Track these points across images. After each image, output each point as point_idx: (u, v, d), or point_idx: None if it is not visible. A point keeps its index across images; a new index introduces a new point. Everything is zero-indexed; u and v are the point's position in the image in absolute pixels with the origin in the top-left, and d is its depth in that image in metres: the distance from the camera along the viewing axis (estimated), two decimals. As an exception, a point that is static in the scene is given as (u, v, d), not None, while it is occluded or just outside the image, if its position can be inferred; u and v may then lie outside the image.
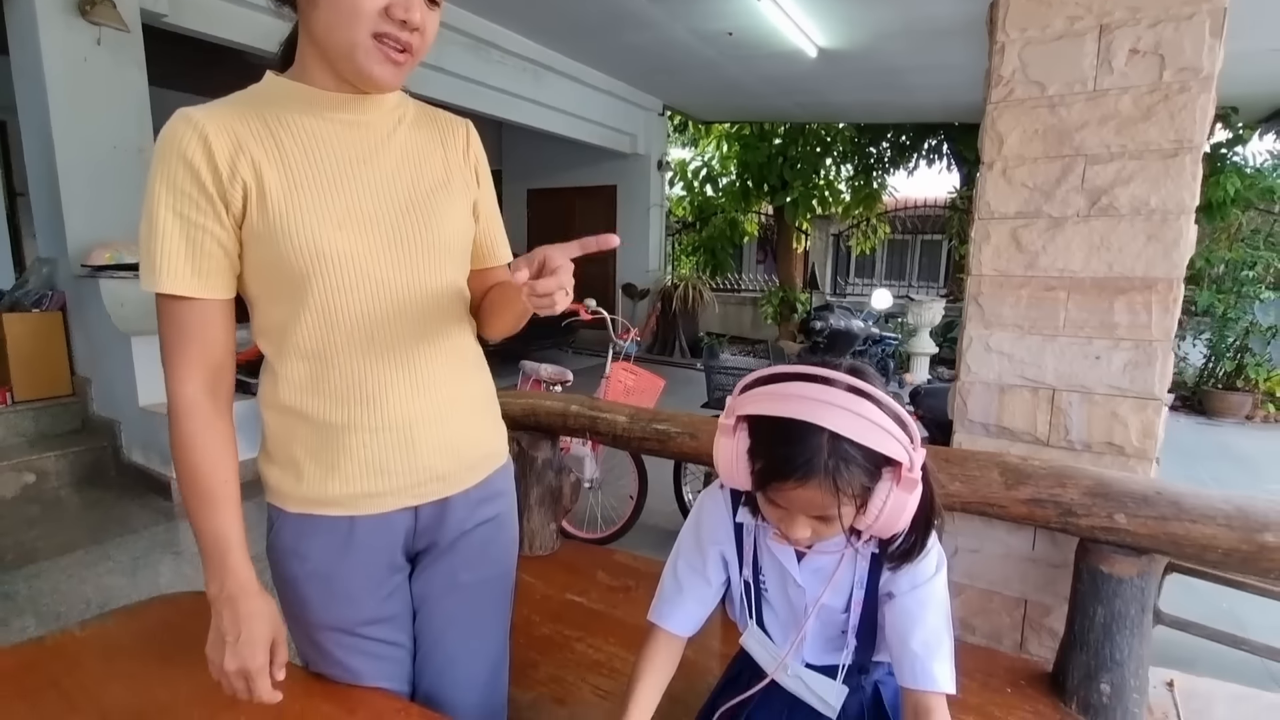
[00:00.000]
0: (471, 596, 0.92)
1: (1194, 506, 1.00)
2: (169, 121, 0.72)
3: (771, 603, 0.87)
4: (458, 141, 0.88)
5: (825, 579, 0.81)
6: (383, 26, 0.70)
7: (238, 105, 0.75)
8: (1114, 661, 1.04)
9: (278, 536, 0.82)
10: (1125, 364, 1.15)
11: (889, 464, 0.68)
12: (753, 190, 8.60)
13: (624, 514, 2.80)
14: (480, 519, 0.91)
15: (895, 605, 0.78)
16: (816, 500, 0.68)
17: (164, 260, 0.71)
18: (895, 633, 0.78)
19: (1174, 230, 1.10)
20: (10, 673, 0.89)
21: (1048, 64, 1.17)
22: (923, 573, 0.78)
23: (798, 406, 0.68)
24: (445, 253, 0.83)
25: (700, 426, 1.40)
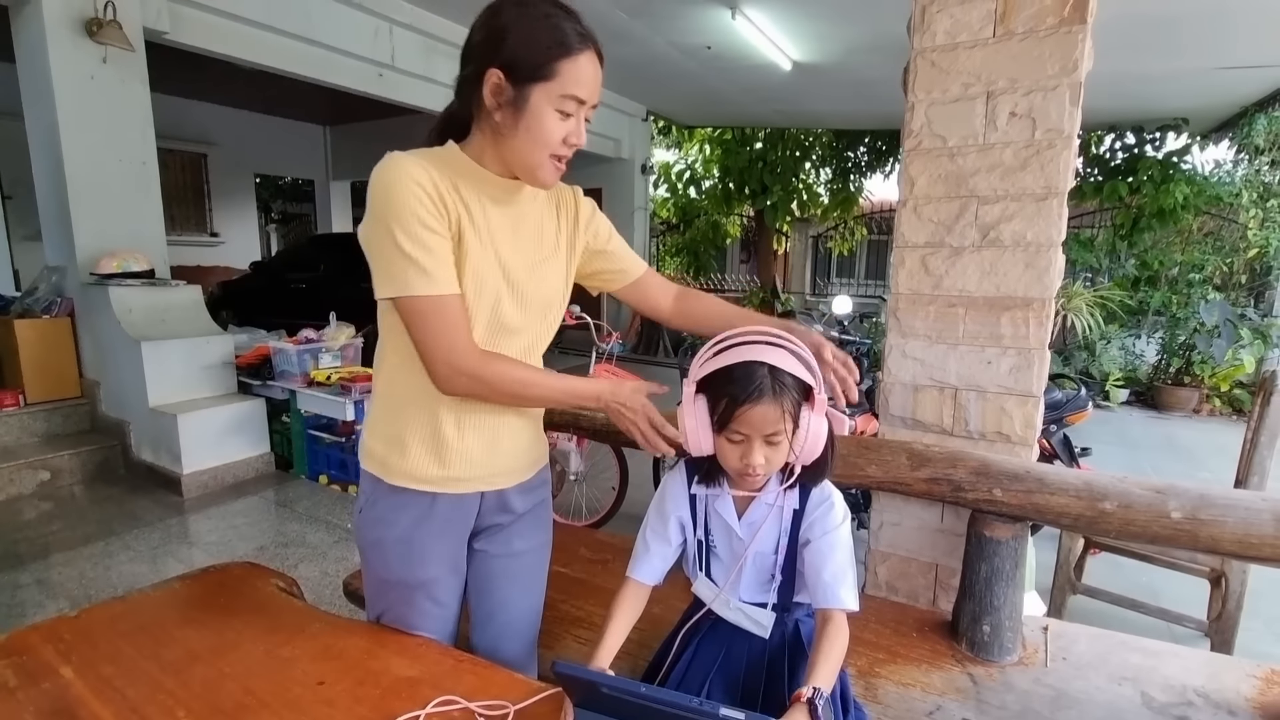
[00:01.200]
0: (523, 561, 1.19)
1: (1053, 482, 1.25)
2: (390, 165, 0.91)
3: (719, 555, 1.12)
4: (569, 209, 1.13)
5: (756, 530, 1.05)
6: (559, 150, 0.96)
7: (434, 164, 0.94)
8: (993, 607, 1.30)
9: (372, 507, 1.06)
10: (1010, 368, 1.41)
11: (808, 394, 0.96)
12: (734, 193, 8.86)
13: (607, 504, 3.04)
14: (532, 503, 1.18)
15: (812, 547, 1.03)
16: (769, 417, 0.93)
17: (438, 269, 0.91)
18: (812, 568, 1.03)
19: (1045, 259, 1.35)
20: (107, 621, 1.11)
21: (948, 121, 1.42)
22: (831, 522, 1.03)
23: (740, 353, 0.96)
24: (545, 304, 1.08)
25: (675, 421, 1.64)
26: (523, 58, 0.89)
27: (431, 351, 0.94)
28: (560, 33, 0.90)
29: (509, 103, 0.91)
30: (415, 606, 1.09)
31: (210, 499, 3.31)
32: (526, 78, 0.90)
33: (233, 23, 4.06)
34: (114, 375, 3.62)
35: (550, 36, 0.90)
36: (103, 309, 3.47)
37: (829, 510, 1.03)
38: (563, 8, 0.93)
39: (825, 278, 10.78)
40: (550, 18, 0.91)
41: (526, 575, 1.21)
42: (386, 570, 1.08)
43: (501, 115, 0.92)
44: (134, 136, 3.66)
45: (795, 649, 1.09)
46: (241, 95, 8.15)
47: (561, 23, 0.91)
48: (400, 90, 5.17)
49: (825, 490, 1.04)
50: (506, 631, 1.20)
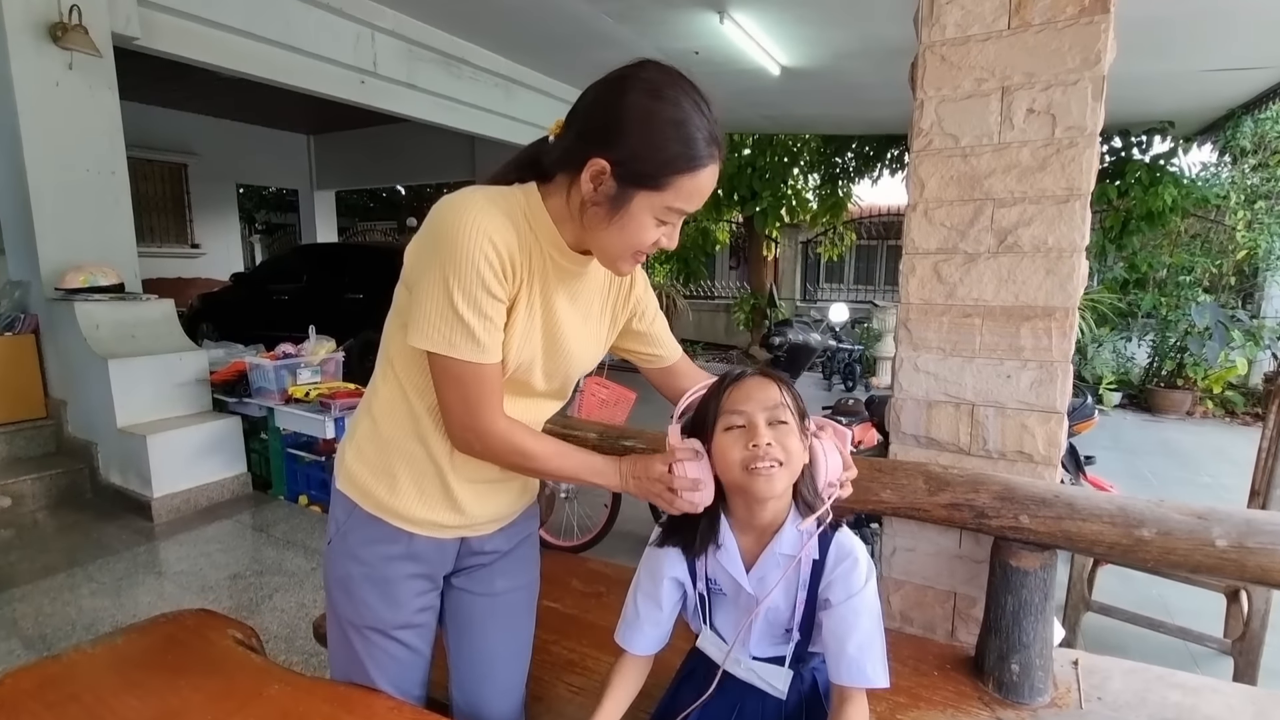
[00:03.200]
0: (506, 601, 1.09)
1: (1084, 508, 1.16)
2: (468, 210, 0.80)
3: (725, 607, 1.00)
4: (622, 281, 1.04)
5: (770, 586, 0.94)
6: (646, 250, 0.87)
7: (514, 219, 0.84)
8: (1021, 644, 1.19)
9: (344, 539, 0.96)
10: (1031, 382, 1.31)
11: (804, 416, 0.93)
12: (723, 200, 8.80)
13: (599, 521, 2.92)
14: (516, 539, 1.10)
15: (833, 613, 0.91)
16: (771, 394, 0.89)
17: (489, 338, 0.82)
18: (834, 636, 0.91)
19: (1068, 266, 1.26)
20: (32, 690, 0.98)
21: (960, 119, 1.33)
22: (855, 582, 0.91)
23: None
24: (574, 374, 1.00)
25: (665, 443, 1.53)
26: (638, 161, 0.79)
27: (458, 414, 0.86)
28: (689, 143, 0.79)
29: (607, 198, 0.81)
30: (385, 651, 0.99)
31: (182, 524, 3.16)
32: (635, 182, 0.80)
33: (208, 29, 3.92)
34: (81, 394, 3.46)
35: (677, 147, 0.79)
36: (68, 325, 3.32)
37: (853, 568, 0.91)
38: (700, 104, 0.80)
39: (815, 283, 10.74)
40: (683, 124, 0.78)
41: (510, 617, 1.10)
42: (354, 612, 0.97)
43: (595, 206, 0.83)
44: (102, 145, 3.52)
45: (814, 706, 0.98)
46: (222, 104, 8.01)
47: (694, 130, 0.79)
48: (383, 97, 5.05)
49: (847, 543, 0.93)
50: (489, 684, 1.08)
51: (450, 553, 1.01)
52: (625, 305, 1.05)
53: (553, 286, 0.90)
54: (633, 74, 0.80)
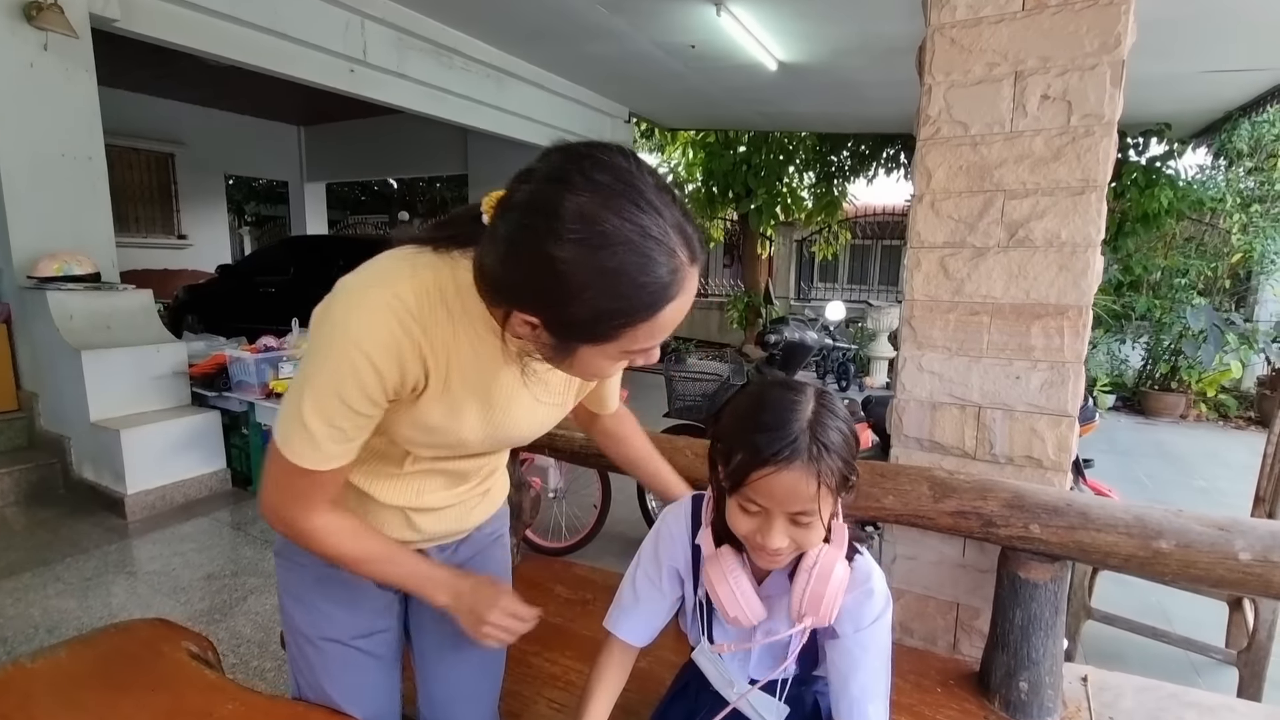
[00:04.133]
0: None
1: (1099, 517, 1.09)
2: (363, 304, 0.67)
3: (723, 622, 0.90)
4: None
5: (775, 605, 0.84)
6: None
7: (425, 305, 0.69)
8: (1031, 660, 1.13)
9: (291, 543, 0.86)
10: (1042, 384, 1.25)
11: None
12: (718, 197, 8.73)
13: (588, 523, 2.85)
14: (484, 542, 1.03)
15: (839, 645, 0.83)
16: (799, 489, 0.69)
17: (326, 444, 0.70)
18: (837, 672, 0.84)
19: (1082, 261, 1.19)
20: (-39, 707, 0.89)
21: (969, 106, 1.26)
22: (867, 615, 0.82)
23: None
24: (524, 441, 0.90)
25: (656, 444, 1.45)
26: (576, 325, 0.63)
27: (273, 499, 0.76)
28: (641, 289, 0.60)
29: (547, 345, 0.67)
30: (346, 664, 0.91)
31: (156, 521, 3.06)
32: (577, 338, 0.65)
33: (191, 12, 3.81)
34: (53, 387, 3.35)
35: (624, 301, 0.60)
36: (41, 315, 3.21)
37: (866, 598, 0.82)
38: (657, 206, 0.60)
39: (809, 282, 10.69)
40: (633, 267, 0.59)
41: None
42: (310, 623, 0.90)
43: (535, 346, 0.69)
44: (79, 130, 3.40)
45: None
46: (211, 93, 7.86)
47: (649, 266, 0.59)
48: (373, 87, 4.94)
49: (865, 568, 0.83)
50: (459, 697, 1.01)
51: None
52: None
53: (492, 369, 0.77)
54: (556, 204, 0.58)
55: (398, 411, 0.75)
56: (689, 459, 1.39)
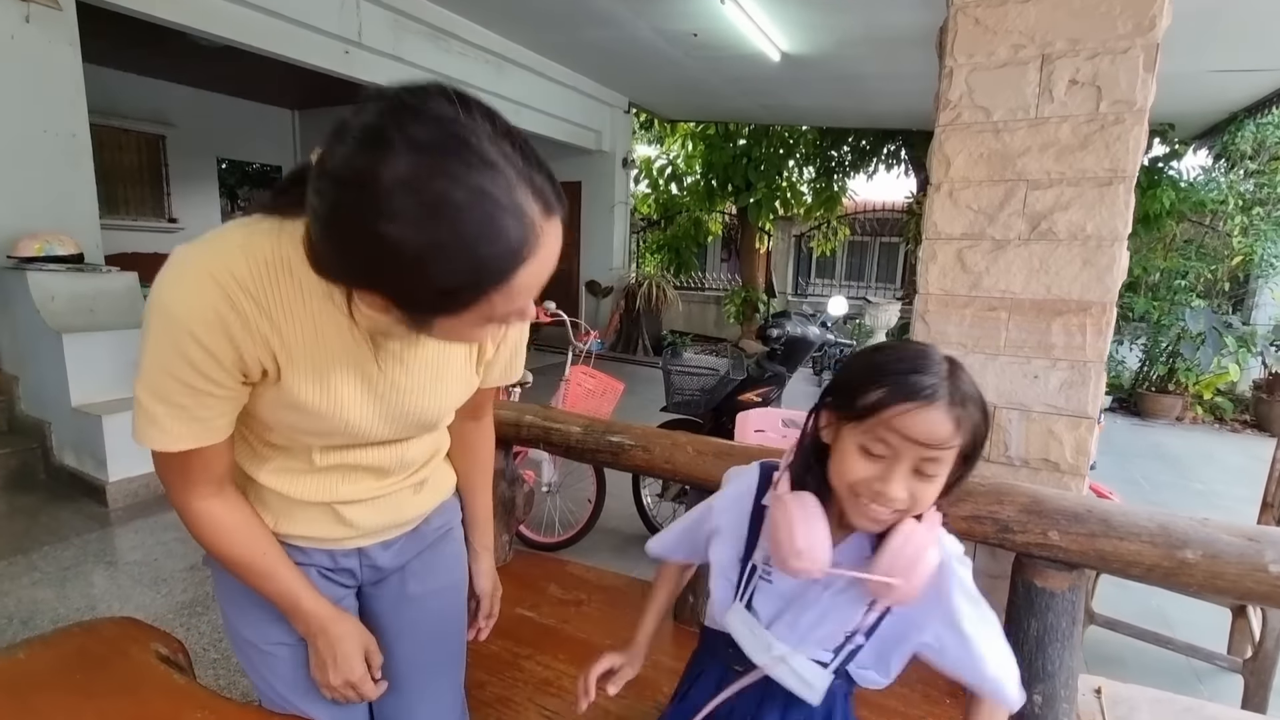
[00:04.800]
0: (424, 609, 0.93)
1: (1121, 524, 1.04)
2: (183, 278, 0.62)
3: (772, 591, 0.81)
4: None
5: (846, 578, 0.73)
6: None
7: (262, 272, 0.64)
8: (1046, 673, 1.08)
9: None
10: (1061, 383, 1.19)
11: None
12: (717, 190, 8.66)
13: (582, 518, 2.79)
14: (433, 535, 0.94)
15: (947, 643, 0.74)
16: (938, 429, 0.65)
17: (169, 423, 0.65)
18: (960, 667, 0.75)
19: (1108, 256, 1.14)
20: (-92, 712, 0.83)
21: (993, 90, 1.20)
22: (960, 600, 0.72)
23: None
24: (438, 422, 0.84)
25: (654, 440, 1.40)
26: (421, 302, 0.57)
27: (157, 473, 0.73)
28: (488, 259, 0.53)
29: (400, 321, 0.60)
30: (301, 663, 0.85)
31: (139, 509, 2.98)
32: (428, 312, 0.58)
33: (178, -14, 3.70)
34: (33, 370, 3.26)
35: (471, 273, 0.53)
36: (21, 296, 3.11)
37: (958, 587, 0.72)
38: (502, 160, 0.53)
39: (807, 277, 10.64)
40: (477, 235, 0.51)
41: (433, 626, 0.94)
42: (254, 630, 0.85)
43: (389, 322, 0.62)
44: (62, 105, 3.30)
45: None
46: (204, 75, 7.70)
47: (496, 228, 0.52)
48: (368, 70, 4.84)
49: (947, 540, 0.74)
50: (418, 710, 0.94)
51: (350, 563, 0.87)
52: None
53: (352, 341, 0.70)
54: (374, 174, 0.50)
55: (264, 393, 0.69)
56: (689, 455, 1.33)
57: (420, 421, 0.80)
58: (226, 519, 0.74)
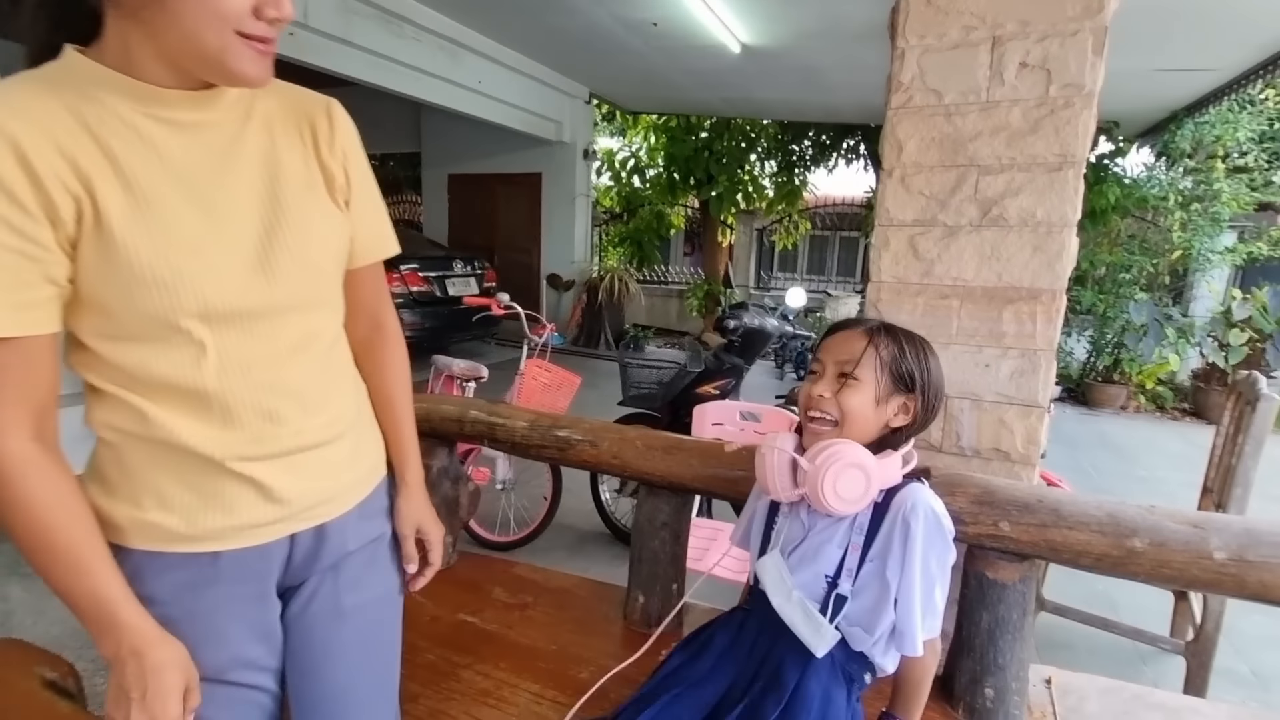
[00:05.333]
0: (359, 624, 0.84)
1: (1071, 514, 1.03)
2: None
3: (777, 541, 0.95)
4: (320, 129, 0.75)
5: (828, 524, 0.90)
6: (249, 26, 0.59)
7: (45, 96, 0.59)
8: (997, 666, 1.07)
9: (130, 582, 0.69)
10: (1012, 372, 1.18)
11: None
12: (679, 183, 8.63)
13: (538, 516, 2.72)
14: (365, 538, 0.84)
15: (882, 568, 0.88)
16: (850, 343, 0.88)
17: None
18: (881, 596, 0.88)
19: (1057, 243, 1.13)
20: None
21: (944, 72, 1.18)
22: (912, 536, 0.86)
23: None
24: (317, 271, 0.73)
25: (603, 434, 1.34)
26: None
27: None
28: None
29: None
30: (220, 703, 0.74)
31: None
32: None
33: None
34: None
35: None
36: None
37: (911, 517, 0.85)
38: None
39: (769, 271, 10.71)
40: None
41: (367, 641, 0.85)
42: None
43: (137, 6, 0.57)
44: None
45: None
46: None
47: None
48: (316, 53, 4.63)
49: (911, 493, 0.88)
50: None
51: (275, 559, 0.75)
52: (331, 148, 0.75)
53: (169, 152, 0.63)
54: None
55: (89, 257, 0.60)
56: (638, 450, 1.28)
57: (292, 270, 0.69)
58: (47, 477, 0.61)
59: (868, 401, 0.87)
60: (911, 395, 0.89)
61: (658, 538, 1.30)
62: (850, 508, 0.86)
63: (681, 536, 1.33)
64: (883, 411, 0.89)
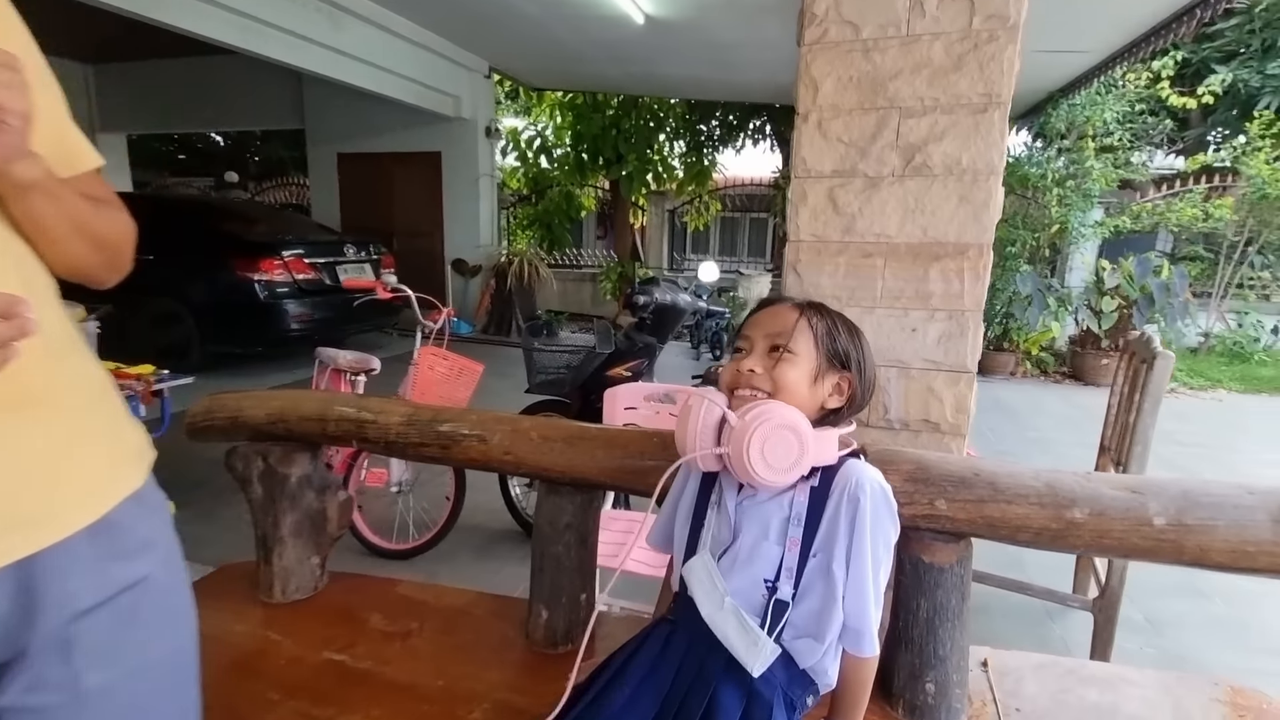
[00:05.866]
0: (113, 709, 0.60)
1: (1009, 486, 0.94)
2: None
3: (705, 543, 0.85)
4: None
5: (761, 512, 0.81)
6: None
7: None
8: (938, 658, 0.97)
9: None
10: (940, 336, 1.09)
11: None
12: (588, 162, 8.39)
13: (439, 519, 2.48)
14: (112, 588, 0.59)
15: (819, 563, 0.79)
16: (781, 316, 0.82)
17: None
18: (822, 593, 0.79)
19: (984, 192, 1.03)
20: None
21: (861, 3, 1.05)
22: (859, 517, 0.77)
23: None
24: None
25: (493, 427, 1.15)
26: None
27: None
28: None
29: None
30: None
31: None
32: None
33: None
34: None
35: None
36: None
37: (860, 494, 0.77)
38: None
39: (681, 252, 10.69)
40: None
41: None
42: None
43: None
44: None
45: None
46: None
47: None
48: (181, 13, 4.07)
49: (855, 470, 0.80)
50: None
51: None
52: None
53: None
54: None
55: None
56: (534, 442, 1.10)
57: None
58: None
59: (804, 376, 0.80)
60: (846, 374, 0.83)
61: (561, 542, 1.13)
62: (777, 477, 0.75)
63: (589, 539, 1.16)
64: (818, 390, 0.82)
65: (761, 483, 0.76)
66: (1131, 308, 5.88)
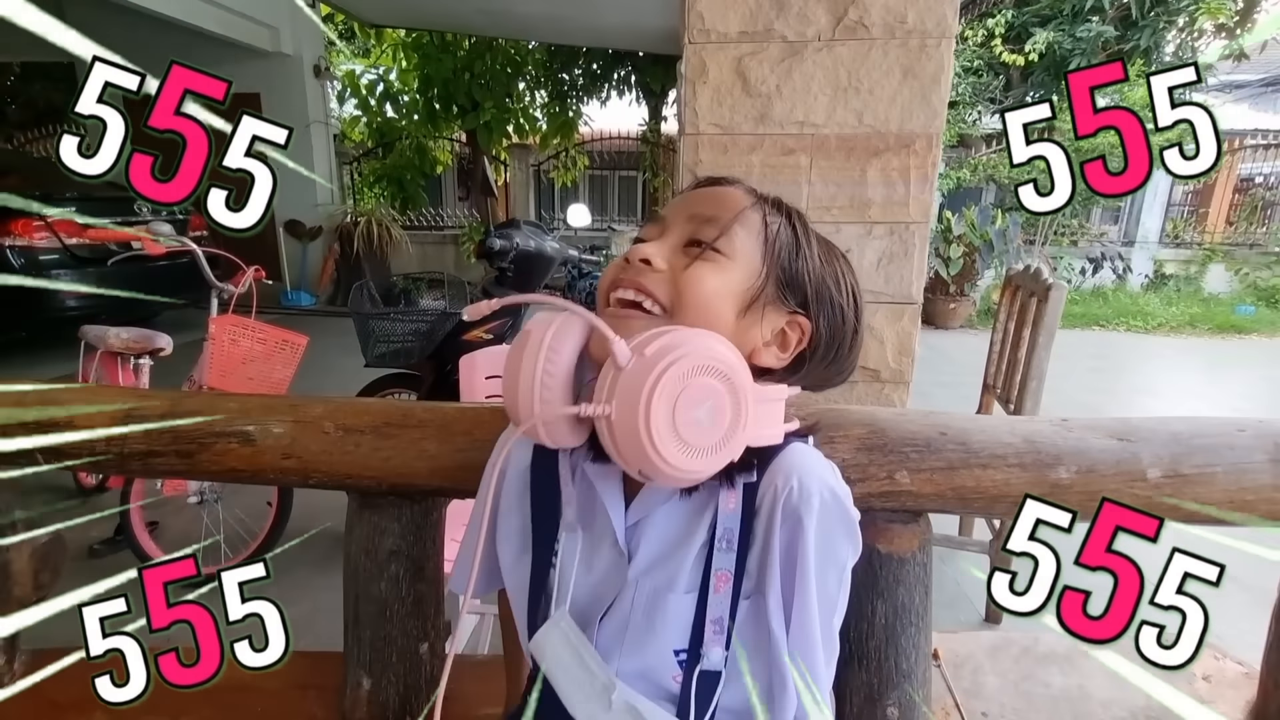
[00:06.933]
0: None
1: (983, 446, 0.72)
2: None
3: (578, 588, 0.54)
4: None
5: (656, 544, 0.52)
6: None
7: None
8: (900, 674, 0.75)
9: None
10: (880, 257, 0.84)
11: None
12: (439, 111, 7.60)
13: (261, 530, 1.99)
14: None
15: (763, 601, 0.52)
16: (723, 199, 0.54)
17: None
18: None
19: (935, 62, 0.78)
20: None
21: None
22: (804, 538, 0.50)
23: None
24: None
25: (264, 417, 0.76)
26: None
27: None
28: None
29: None
30: None
31: None
32: None
33: None
34: None
35: None
36: None
37: (803, 507, 0.49)
38: None
39: (550, 210, 10.18)
40: None
41: None
42: None
43: None
44: None
45: None
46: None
47: None
48: None
49: (798, 464, 0.50)
50: None
51: None
52: None
53: None
54: None
55: None
56: (329, 439, 0.73)
57: None
58: None
59: (728, 294, 0.51)
60: (800, 316, 0.54)
61: (384, 578, 0.78)
62: (694, 463, 0.45)
63: (429, 565, 0.82)
64: (746, 327, 0.52)
65: (668, 472, 0.44)
66: (975, 254, 6.31)
